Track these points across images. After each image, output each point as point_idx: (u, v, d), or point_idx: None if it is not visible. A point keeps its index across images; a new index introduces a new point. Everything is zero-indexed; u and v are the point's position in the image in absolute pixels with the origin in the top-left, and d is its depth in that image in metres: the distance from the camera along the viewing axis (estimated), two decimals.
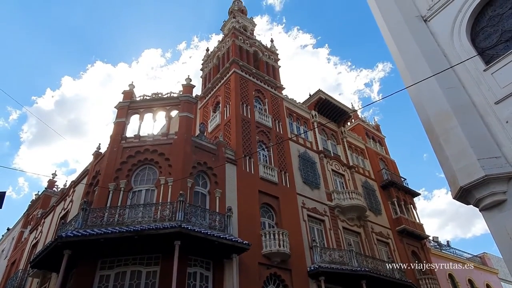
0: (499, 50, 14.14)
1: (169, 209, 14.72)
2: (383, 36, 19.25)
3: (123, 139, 18.10)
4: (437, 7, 17.13)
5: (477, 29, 15.48)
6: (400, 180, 30.40)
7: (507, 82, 13.04)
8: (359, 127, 33.23)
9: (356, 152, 29.52)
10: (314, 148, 24.92)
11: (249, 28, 31.85)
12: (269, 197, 19.48)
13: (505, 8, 14.65)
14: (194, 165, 17.22)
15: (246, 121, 21.82)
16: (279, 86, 27.02)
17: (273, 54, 29.63)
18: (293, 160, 22.51)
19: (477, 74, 14.16)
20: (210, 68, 28.61)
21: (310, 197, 21.56)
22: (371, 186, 27.56)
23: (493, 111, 13.12)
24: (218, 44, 29.31)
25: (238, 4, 34.09)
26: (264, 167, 20.27)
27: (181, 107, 19.23)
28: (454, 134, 13.30)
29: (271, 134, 22.69)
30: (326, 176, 23.94)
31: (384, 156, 32.82)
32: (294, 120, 26.00)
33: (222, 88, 24.66)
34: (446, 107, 13.95)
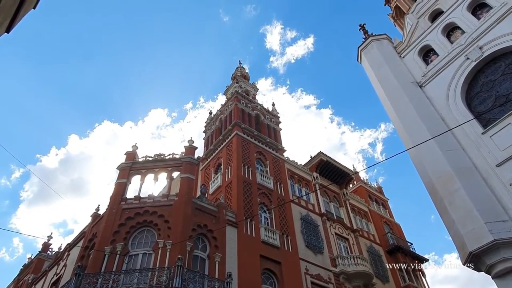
0: (495, 114, 14.52)
1: (166, 275, 14.06)
2: (381, 101, 19.93)
3: (123, 200, 17.89)
4: (431, 74, 17.97)
5: (471, 94, 16.06)
6: (407, 245, 29.39)
7: (507, 145, 13.21)
8: (361, 189, 32.96)
9: (360, 215, 28.93)
10: (317, 211, 24.47)
11: (251, 92, 33.08)
12: (271, 262, 18.71)
13: (497, 74, 15.33)
14: (194, 228, 16.80)
15: (248, 182, 21.72)
16: (280, 148, 27.33)
17: (274, 117, 30.39)
18: (295, 223, 21.99)
19: (476, 137, 14.39)
20: (212, 131, 29.19)
21: (314, 263, 20.68)
22: (376, 251, 26.57)
23: (496, 174, 13.11)
24: (221, 108, 30.23)
25: (241, 70, 35.81)
26: (266, 230, 19.74)
27: (182, 168, 19.28)
28: (459, 196, 13.15)
29: (273, 196, 22.45)
30: (330, 240, 23.20)
31: (389, 219, 32.10)
32: (295, 182, 25.88)
33: (224, 150, 24.93)
34: (447, 169, 13.97)
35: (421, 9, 21.55)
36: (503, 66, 15.21)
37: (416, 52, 19.82)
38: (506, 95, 14.46)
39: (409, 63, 19.75)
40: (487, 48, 15.79)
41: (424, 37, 19.83)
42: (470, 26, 17.33)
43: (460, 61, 16.64)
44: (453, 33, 18.59)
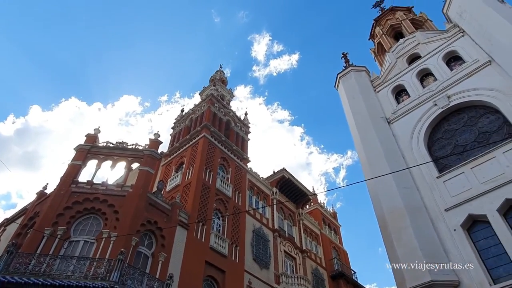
0: (452, 161, 15.27)
1: (105, 267, 13.49)
2: (351, 129, 20.48)
3: (74, 183, 17.12)
4: (400, 113, 18.70)
5: (433, 138, 16.84)
6: (350, 273, 30.01)
7: (457, 192, 13.88)
8: (317, 211, 33.46)
9: (311, 236, 29.29)
10: (270, 226, 24.53)
11: (226, 98, 33.02)
12: (216, 270, 18.46)
13: (459, 124, 16.18)
14: (143, 223, 16.31)
15: (207, 186, 21.47)
16: (245, 158, 27.31)
17: (244, 126, 30.43)
18: (246, 234, 21.90)
19: (431, 180, 15.04)
20: (181, 128, 28.76)
21: (258, 277, 20.62)
22: (321, 274, 26.92)
23: (443, 218, 13.71)
24: (194, 107, 29.91)
25: (220, 74, 35.73)
26: (216, 237, 19.50)
27: (143, 160, 18.78)
28: (406, 234, 13.62)
29: (229, 204, 22.29)
30: (278, 256, 23.27)
31: (338, 245, 32.72)
32: (254, 194, 25.88)
33: (189, 149, 24.59)
34: (400, 205, 14.47)
35: (401, 50, 22.52)
36: (465, 118, 16.08)
37: (390, 89, 20.59)
38: (464, 145, 15.26)
39: (382, 99, 20.47)
40: (455, 99, 16.66)
41: (399, 76, 20.67)
42: (443, 75, 18.26)
43: (428, 105, 17.44)
44: (426, 78, 19.50)
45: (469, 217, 13.00)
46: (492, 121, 15.10)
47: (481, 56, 17.05)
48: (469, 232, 12.92)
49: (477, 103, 15.93)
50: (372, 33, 29.26)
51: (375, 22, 28.98)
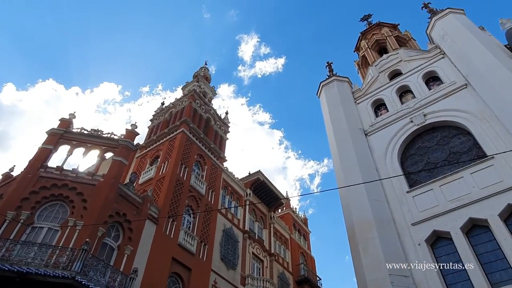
0: (422, 177, 15.72)
1: (68, 256, 13.11)
2: (328, 138, 20.75)
3: (42, 167, 16.58)
4: (377, 126, 19.10)
5: (407, 154, 17.29)
6: (316, 279, 30.35)
7: (424, 208, 14.30)
8: (288, 216, 33.68)
9: (280, 240, 29.46)
10: (241, 227, 24.51)
11: (209, 95, 32.84)
12: (182, 267, 18.27)
13: (432, 142, 16.68)
14: (111, 214, 15.96)
15: (180, 182, 21.25)
16: (222, 157, 27.22)
17: (224, 125, 30.34)
18: (216, 233, 21.80)
19: (401, 194, 15.43)
20: (160, 121, 28.37)
21: (224, 277, 20.54)
22: (287, 279, 27.10)
23: (409, 232, 14.09)
24: (175, 101, 29.58)
25: (205, 71, 35.51)
26: (185, 234, 19.31)
27: (118, 150, 18.40)
28: (373, 244, 13.91)
29: (202, 201, 22.14)
30: (246, 258, 23.27)
31: (306, 251, 33.04)
32: (228, 194, 25.81)
33: (166, 143, 24.28)
34: (369, 216, 14.77)
35: (384, 65, 23.03)
36: (439, 136, 16.60)
37: (370, 102, 21.01)
38: (435, 163, 15.73)
39: (361, 111, 20.86)
40: (430, 117, 17.17)
41: (380, 91, 21.13)
42: (421, 93, 18.79)
43: (404, 122, 17.90)
44: (405, 95, 20.02)
45: (433, 233, 13.41)
46: (463, 142, 15.64)
47: (458, 79, 17.66)
48: (432, 248, 13.32)
49: (450, 124, 16.48)
50: (358, 46, 29.81)
51: (362, 35, 29.54)
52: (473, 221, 12.81)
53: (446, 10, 20.98)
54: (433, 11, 22.14)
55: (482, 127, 14.95)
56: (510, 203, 12.28)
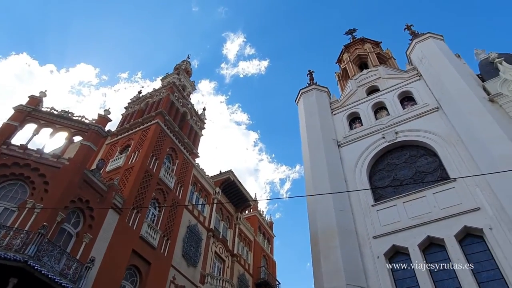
0: (388, 193, 16.16)
1: (22, 239, 12.57)
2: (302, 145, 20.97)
3: (5, 144, 15.85)
4: (350, 139, 19.49)
5: (375, 169, 17.73)
6: (275, 283, 30.54)
7: (387, 222, 14.70)
8: (254, 218, 33.75)
9: (244, 242, 29.46)
10: (206, 225, 24.33)
11: (188, 90, 32.49)
12: (141, 260, 17.92)
13: (400, 160, 17.19)
14: (73, 199, 15.46)
15: (149, 174, 20.86)
16: (195, 152, 26.98)
17: (200, 121, 30.09)
18: (180, 229, 21.53)
19: (366, 207, 15.79)
20: (135, 110, 27.78)
21: (184, 274, 20.31)
22: (246, 280, 27.13)
23: (370, 244, 14.44)
24: (153, 92, 29.06)
25: (186, 65, 35.10)
26: (149, 227, 18.97)
27: (87, 135, 17.85)
28: (334, 254, 14.15)
29: (169, 195, 21.82)
30: (208, 256, 23.10)
31: (268, 254, 33.20)
32: (196, 190, 25.58)
33: (139, 133, 23.78)
34: (333, 226, 15.02)
35: (363, 80, 23.55)
36: (407, 155, 17.13)
37: (346, 114, 21.42)
38: (401, 180, 16.22)
39: (337, 122, 21.24)
40: (401, 135, 17.70)
41: (357, 104, 21.58)
42: (395, 111, 19.33)
43: (377, 137, 18.36)
44: (380, 111, 20.54)
45: (392, 247, 13.80)
46: (430, 162, 16.21)
47: (431, 101, 18.30)
48: (390, 261, 13.70)
49: (419, 144, 17.04)
50: (340, 58, 30.37)
51: (345, 48, 30.12)
52: (431, 240, 13.29)
53: (426, 34, 21.72)
54: (415, 33, 22.87)
55: (448, 150, 15.55)
56: (467, 225, 12.83)
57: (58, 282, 12.41)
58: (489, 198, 12.97)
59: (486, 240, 12.28)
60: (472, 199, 13.36)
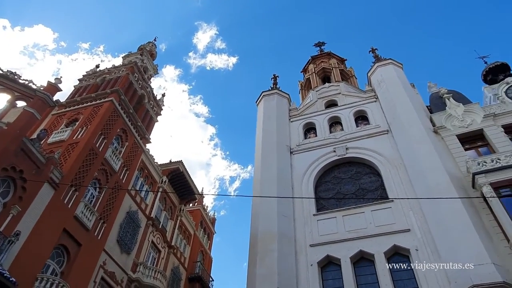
0: (330, 204, 16.74)
1: None
2: (256, 146, 21.13)
3: None
4: (303, 147, 19.95)
5: (322, 180, 18.30)
6: (208, 279, 30.42)
7: (324, 233, 15.22)
8: (198, 212, 33.42)
9: (183, 235, 29.06)
10: (147, 213, 23.68)
11: (149, 72, 31.52)
12: (72, 240, 17.03)
13: (347, 175, 17.87)
14: (6, 167, 14.36)
15: (94, 152, 19.92)
16: (147, 138, 26.19)
17: (157, 107, 29.29)
18: (119, 213, 20.76)
19: (308, 215, 16.24)
20: (89, 84, 26.42)
21: (115, 260, 19.60)
22: (180, 274, 26.76)
23: (306, 252, 14.86)
24: (112, 68, 27.83)
25: (152, 47, 34.01)
26: (85, 207, 18.09)
27: (32, 101, 16.69)
28: (270, 257, 14.39)
29: (112, 178, 20.97)
30: (143, 245, 22.48)
31: (206, 250, 33.02)
32: (142, 176, 24.83)
33: (90, 109, 22.64)
34: (274, 230, 15.28)
35: (324, 93, 24.22)
36: (353, 171, 17.86)
37: (302, 123, 21.91)
38: (344, 194, 16.87)
39: (293, 129, 21.65)
40: (351, 152, 18.42)
41: (314, 115, 22.16)
42: (349, 127, 20.09)
43: (328, 150, 18.96)
44: (335, 125, 21.24)
45: (326, 257, 14.31)
46: (373, 181, 17.02)
47: (383, 124, 19.24)
48: (322, 270, 14.19)
49: (366, 162, 17.84)
50: (306, 68, 31.03)
51: (312, 59, 30.83)
52: (362, 254, 13.95)
53: (388, 60, 22.84)
54: (378, 57, 23.95)
55: (391, 172, 16.43)
56: (396, 244, 13.62)
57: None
58: (420, 221, 13.87)
59: (411, 260, 13.12)
60: (405, 220, 14.22)
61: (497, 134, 15.76)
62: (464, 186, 14.17)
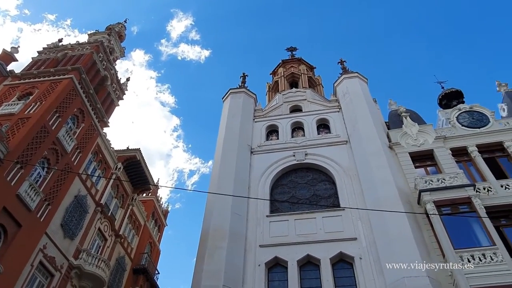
0: (284, 207, 16.99)
1: None
2: (217, 143, 21.00)
3: None
4: (264, 149, 20.11)
5: (279, 183, 18.53)
6: (154, 272, 29.83)
7: (275, 234, 15.42)
8: (150, 203, 32.68)
9: (133, 225, 28.28)
10: (96, 199, 22.80)
11: (115, 54, 30.39)
12: (11, 220, 16.02)
13: (303, 180, 18.22)
14: None
15: (46, 130, 18.89)
16: (105, 121, 25.23)
17: (120, 91, 28.33)
18: (67, 197, 19.82)
19: (261, 216, 16.38)
20: (49, 57, 25.03)
21: (57, 244, 18.69)
22: (124, 264, 26.01)
23: (255, 252, 14.98)
24: (76, 45, 26.54)
25: (121, 28, 32.82)
26: (30, 187, 17.09)
27: None
28: (219, 254, 14.35)
29: (63, 159, 19.99)
30: (89, 232, 21.61)
31: (155, 242, 32.36)
32: (96, 160, 23.87)
33: (47, 84, 21.43)
34: (226, 227, 15.27)
35: (290, 97, 24.55)
36: (310, 177, 18.24)
37: (266, 125, 22.08)
38: (298, 199, 17.19)
39: (256, 129, 21.75)
40: (309, 158, 18.80)
41: (278, 118, 22.39)
42: (311, 134, 20.50)
43: (288, 153, 19.24)
44: (297, 130, 21.60)
45: (274, 259, 14.51)
46: (327, 189, 17.49)
47: (343, 134, 19.82)
48: (269, 271, 14.37)
49: (323, 169, 18.28)
50: (275, 71, 31.29)
51: (282, 63, 31.14)
52: (309, 258, 14.28)
53: (355, 73, 23.57)
54: (345, 69, 24.66)
55: (345, 182, 16.95)
56: (343, 252, 14.07)
57: None
58: (366, 231, 14.43)
59: (354, 268, 13.61)
60: (353, 229, 14.72)
61: (445, 155, 16.72)
62: (410, 202, 14.91)
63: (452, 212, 13.52)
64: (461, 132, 17.92)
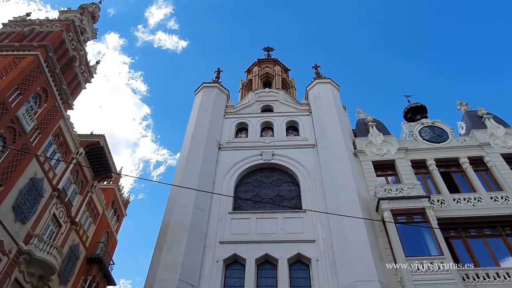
0: (246, 205, 17.06)
1: None
2: (185, 136, 20.75)
3: None
4: (232, 145, 20.10)
5: (244, 181, 18.58)
6: (108, 262, 29.06)
7: (236, 232, 15.46)
8: (111, 191, 31.77)
9: (90, 212, 27.39)
10: (54, 183, 21.89)
11: (86, 35, 29.26)
12: None
13: (268, 180, 18.37)
14: None
15: (5, 107, 17.91)
16: (69, 103, 24.26)
17: (88, 73, 27.33)
18: (21, 178, 18.90)
19: (223, 213, 16.36)
20: (14, 31, 23.74)
21: (7, 227, 17.77)
22: (78, 252, 25.16)
23: (214, 248, 14.94)
24: (44, 21, 25.33)
25: (94, 8, 31.61)
26: None
27: None
28: (177, 248, 14.20)
29: (21, 139, 19.04)
30: (43, 217, 20.71)
31: (113, 232, 31.52)
32: (56, 143, 22.89)
33: (10, 59, 20.31)
34: (186, 222, 15.13)
35: (262, 97, 24.67)
36: (275, 177, 18.42)
37: (236, 122, 22.06)
38: (262, 198, 17.31)
39: (225, 126, 21.69)
40: (276, 159, 18.98)
41: (249, 117, 22.44)
42: (279, 135, 20.70)
43: (255, 152, 19.33)
44: (266, 130, 21.74)
45: (233, 256, 14.54)
46: (291, 190, 17.72)
47: (311, 138, 20.15)
48: (226, 268, 14.38)
49: (288, 171, 18.51)
50: (250, 69, 31.33)
51: (258, 62, 31.22)
52: (267, 257, 14.43)
53: (328, 79, 24.02)
54: (319, 74, 25.09)
55: (308, 184, 17.25)
56: (300, 253, 14.33)
57: None
58: (325, 234, 14.76)
59: (311, 269, 13.89)
60: (312, 231, 15.02)
61: (405, 167, 17.40)
62: (369, 208, 15.40)
63: (407, 221, 14.09)
64: (422, 145, 18.71)
